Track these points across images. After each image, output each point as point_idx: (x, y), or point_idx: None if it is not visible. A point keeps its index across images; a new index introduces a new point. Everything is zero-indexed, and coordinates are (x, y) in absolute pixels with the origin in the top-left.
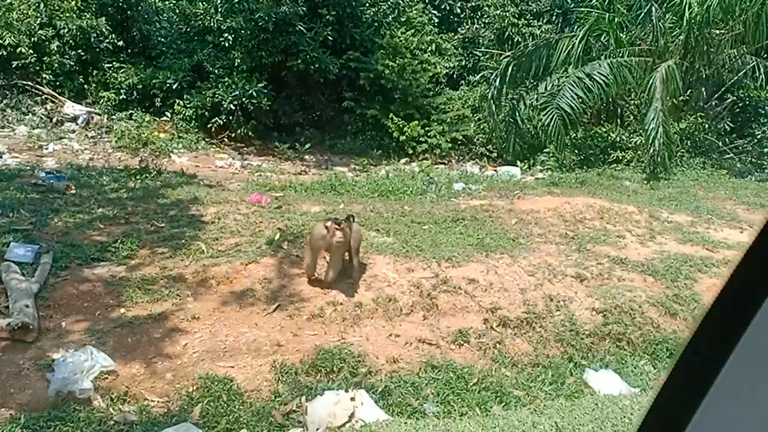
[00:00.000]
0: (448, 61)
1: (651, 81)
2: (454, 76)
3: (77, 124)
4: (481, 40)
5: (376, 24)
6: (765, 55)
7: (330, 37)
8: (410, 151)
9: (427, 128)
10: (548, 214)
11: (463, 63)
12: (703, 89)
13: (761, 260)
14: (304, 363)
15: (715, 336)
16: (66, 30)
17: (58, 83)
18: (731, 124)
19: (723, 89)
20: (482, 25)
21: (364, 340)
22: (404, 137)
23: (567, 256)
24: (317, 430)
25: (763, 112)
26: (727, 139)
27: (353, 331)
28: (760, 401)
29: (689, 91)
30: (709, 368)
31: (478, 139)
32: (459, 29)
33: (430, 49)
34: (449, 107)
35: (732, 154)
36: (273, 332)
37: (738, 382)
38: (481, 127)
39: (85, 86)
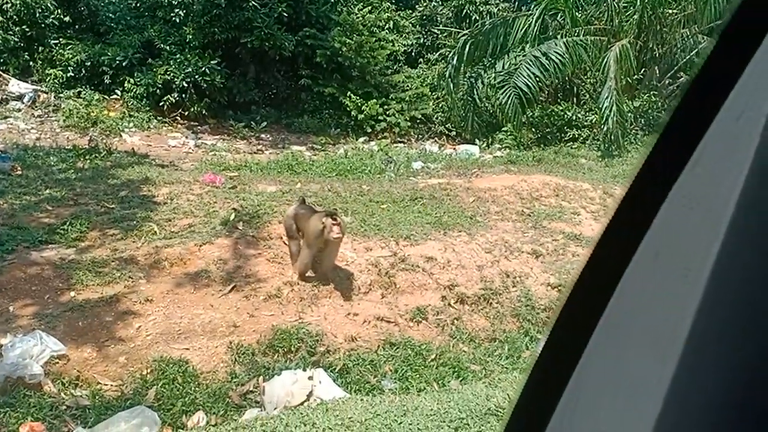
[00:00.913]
0: (406, 39)
1: (605, 60)
2: (413, 54)
3: (23, 103)
4: (438, 18)
5: (332, 0)
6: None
7: (285, 14)
8: (369, 130)
9: (385, 107)
10: (505, 192)
11: (421, 41)
12: (657, 68)
13: (622, 232)
14: (261, 343)
15: (584, 305)
16: (9, 5)
17: (2, 60)
18: None
19: (676, 68)
20: (440, 3)
21: (322, 320)
22: (362, 116)
23: (523, 233)
24: (275, 409)
25: None
26: None
27: (311, 310)
28: (626, 368)
29: (643, 70)
30: (579, 342)
31: (437, 118)
32: (416, 6)
33: (387, 26)
34: (408, 85)
35: None
36: (229, 313)
37: (605, 352)
38: (440, 105)
39: (31, 63)
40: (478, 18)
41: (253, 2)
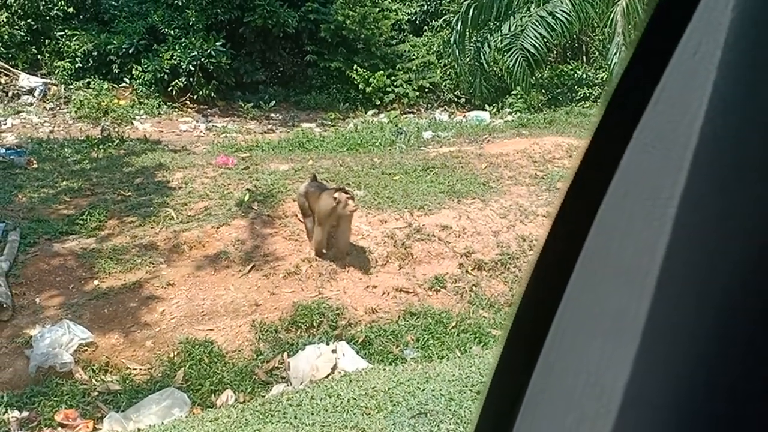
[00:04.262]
0: (409, 7)
1: (612, 15)
2: (417, 22)
3: (34, 97)
4: None
5: None
6: None
7: None
8: (377, 102)
9: (393, 78)
10: (517, 156)
11: (425, 8)
12: None
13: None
14: (284, 320)
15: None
16: (13, 0)
17: (10, 55)
18: None
19: None
20: None
21: (341, 294)
22: (370, 88)
23: (537, 196)
24: (301, 384)
25: None
26: None
27: (330, 285)
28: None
29: None
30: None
31: (445, 86)
32: None
33: None
34: (414, 55)
35: None
36: (250, 292)
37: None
38: (448, 73)
39: (39, 56)
40: None
41: None
